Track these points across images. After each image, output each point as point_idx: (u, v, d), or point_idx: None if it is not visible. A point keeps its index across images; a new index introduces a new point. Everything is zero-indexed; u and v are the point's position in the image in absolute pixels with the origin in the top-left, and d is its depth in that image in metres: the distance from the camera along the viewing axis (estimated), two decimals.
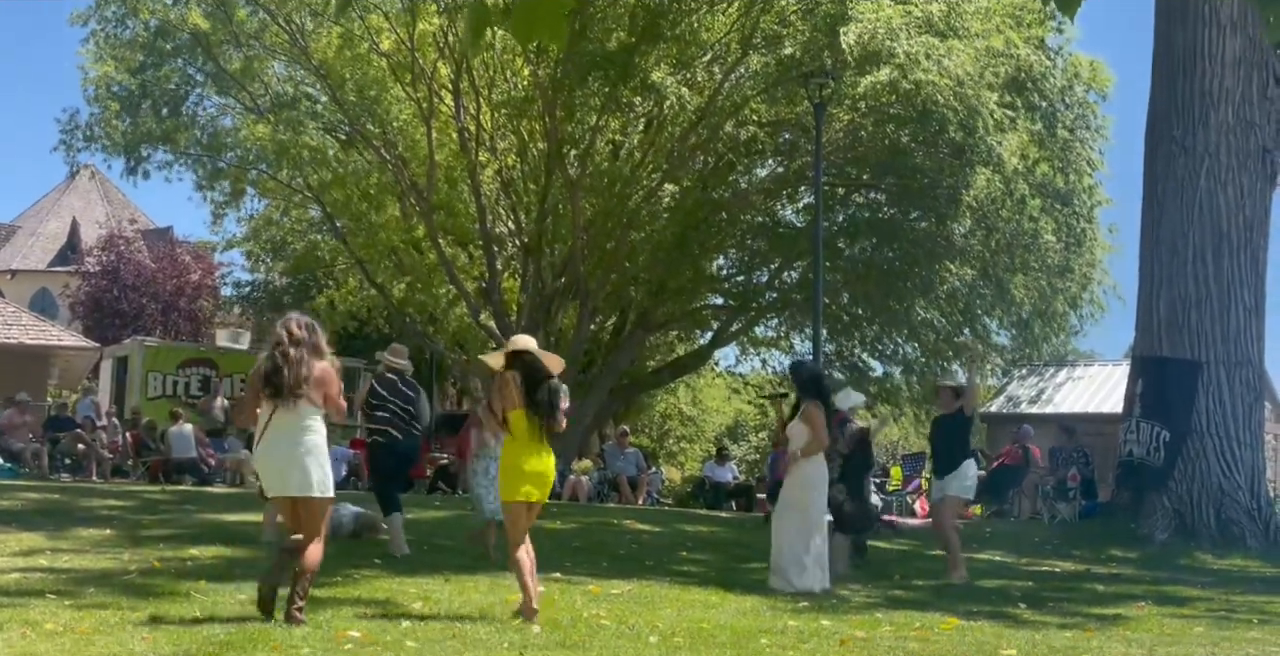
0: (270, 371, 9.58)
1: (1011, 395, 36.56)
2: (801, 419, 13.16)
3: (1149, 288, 21.90)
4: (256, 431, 9.75)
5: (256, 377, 9.70)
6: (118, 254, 51.52)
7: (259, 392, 9.65)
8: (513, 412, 10.19)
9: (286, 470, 9.54)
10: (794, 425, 13.23)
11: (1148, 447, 21.03)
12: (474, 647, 8.53)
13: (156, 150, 33.03)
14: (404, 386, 14.43)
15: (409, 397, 14.31)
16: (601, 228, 31.97)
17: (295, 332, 9.65)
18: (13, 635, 8.24)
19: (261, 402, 9.65)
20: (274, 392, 9.55)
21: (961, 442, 14.92)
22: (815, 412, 13.11)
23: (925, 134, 29.58)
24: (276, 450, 9.57)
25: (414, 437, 14.42)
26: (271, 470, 9.68)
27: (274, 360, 9.60)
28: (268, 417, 9.59)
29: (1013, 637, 10.05)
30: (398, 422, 14.17)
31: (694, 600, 11.51)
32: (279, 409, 9.56)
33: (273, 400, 9.57)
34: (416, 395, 14.37)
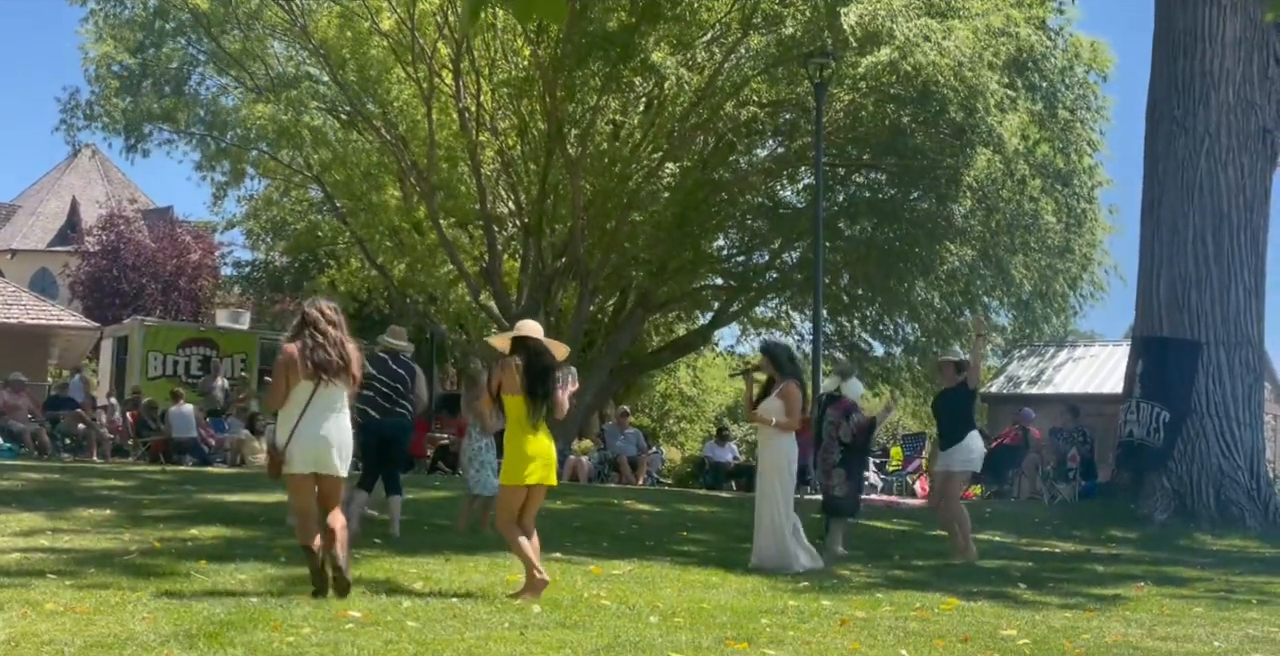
0: (316, 351, 9.70)
1: (1012, 375, 36.59)
2: (780, 396, 13.03)
3: (1149, 268, 21.89)
4: (292, 411, 9.74)
5: (295, 359, 9.72)
6: (118, 233, 51.52)
7: (298, 373, 9.70)
8: (512, 398, 10.21)
9: (329, 449, 9.71)
10: (769, 402, 13.10)
11: (1148, 428, 21.04)
12: (474, 627, 8.54)
13: (157, 129, 32.99)
14: (395, 365, 14.35)
15: (397, 376, 14.24)
16: (602, 208, 31.94)
17: (329, 314, 9.85)
18: (13, 615, 8.25)
19: (299, 382, 9.71)
20: (320, 372, 9.68)
21: (965, 415, 14.88)
22: (795, 391, 13.05)
23: (926, 114, 29.56)
24: (321, 428, 9.70)
25: (397, 417, 14.23)
26: (315, 448, 9.74)
27: (317, 340, 9.73)
28: (308, 396, 9.69)
29: (1013, 618, 10.06)
30: (379, 402, 14.12)
31: (694, 580, 11.52)
32: (320, 388, 9.69)
33: (314, 380, 9.68)
34: (408, 374, 14.28)
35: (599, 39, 27.80)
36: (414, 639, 8.03)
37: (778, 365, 13.33)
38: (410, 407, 14.26)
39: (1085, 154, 32.02)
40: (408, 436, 14.59)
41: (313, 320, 9.83)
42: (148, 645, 7.49)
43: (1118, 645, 8.93)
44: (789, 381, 13.11)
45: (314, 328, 9.79)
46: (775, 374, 13.27)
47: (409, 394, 14.19)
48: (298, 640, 7.81)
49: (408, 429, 14.46)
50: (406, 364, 14.43)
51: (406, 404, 14.19)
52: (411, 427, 14.53)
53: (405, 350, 14.49)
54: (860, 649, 8.37)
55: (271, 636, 7.89)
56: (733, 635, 8.63)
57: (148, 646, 7.45)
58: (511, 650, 7.78)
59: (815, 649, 8.30)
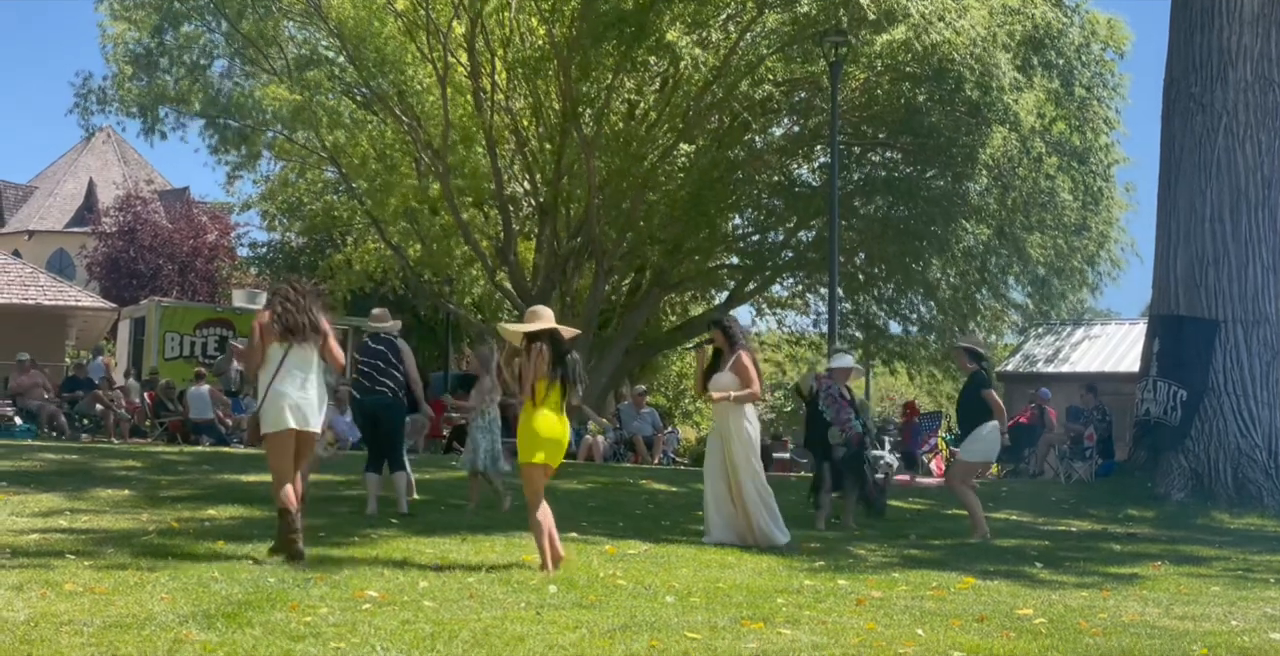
0: (283, 313, 10.35)
1: (1028, 354, 36.53)
2: (733, 370, 12.90)
3: (1166, 246, 21.81)
4: (266, 372, 10.38)
5: (265, 322, 10.40)
6: (134, 214, 51.62)
7: (268, 336, 10.35)
8: (539, 382, 10.40)
9: (300, 405, 10.27)
10: (723, 376, 12.95)
11: (1165, 407, 20.99)
12: (491, 607, 8.56)
13: (173, 112, 33.02)
14: (374, 344, 14.48)
15: (376, 353, 14.32)
16: (617, 187, 31.91)
17: (298, 286, 10.59)
18: (33, 595, 8.29)
19: (271, 346, 10.33)
20: (287, 333, 10.29)
21: (976, 405, 14.80)
22: (748, 362, 12.96)
23: (941, 92, 29.50)
24: (292, 386, 10.28)
25: (378, 395, 14.29)
26: (286, 405, 10.27)
27: (286, 307, 10.40)
28: (281, 358, 10.30)
29: (1029, 597, 10.06)
30: (361, 382, 14.33)
31: (710, 560, 11.53)
32: (291, 349, 10.31)
33: (285, 341, 10.29)
34: (389, 350, 14.28)
35: (614, 18, 27.74)
36: (431, 619, 8.05)
37: (729, 337, 13.16)
38: (393, 384, 14.19)
39: (1102, 132, 31.95)
40: (394, 412, 14.44)
41: (283, 291, 10.53)
42: (166, 625, 7.51)
43: (1135, 624, 8.92)
44: (740, 353, 12.99)
45: (284, 297, 10.45)
46: (726, 346, 13.11)
47: (390, 370, 14.16)
48: (315, 620, 7.83)
49: (391, 405, 14.34)
50: (387, 341, 14.41)
51: (388, 381, 14.16)
52: (398, 404, 14.36)
53: (386, 329, 14.48)
54: (876, 628, 8.37)
55: (289, 616, 7.92)
56: (749, 615, 8.64)
57: (166, 626, 7.48)
58: (528, 630, 7.79)
59: (831, 628, 8.31)
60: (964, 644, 7.93)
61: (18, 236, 64.79)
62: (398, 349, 14.34)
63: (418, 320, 42.54)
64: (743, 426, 12.93)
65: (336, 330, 10.77)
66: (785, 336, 40.39)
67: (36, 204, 68.26)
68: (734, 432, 12.97)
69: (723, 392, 12.87)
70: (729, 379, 12.93)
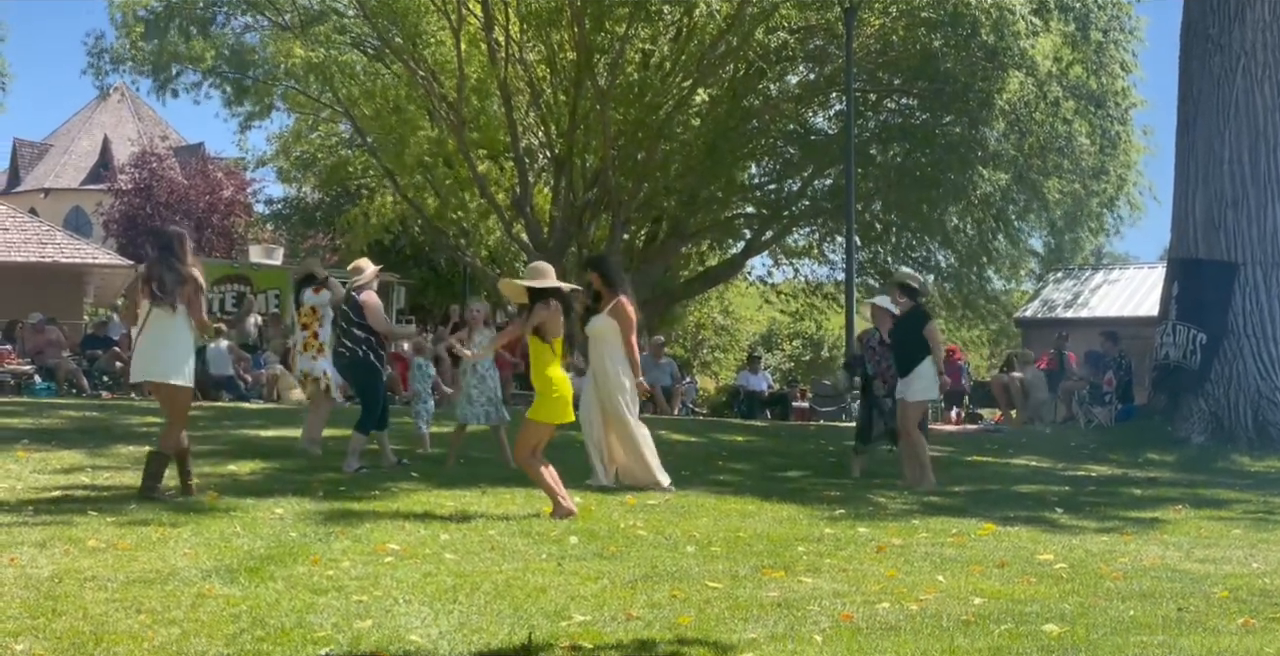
0: (151, 272, 10.91)
1: (1047, 299, 36.38)
2: (611, 313, 12.72)
3: (1185, 189, 21.68)
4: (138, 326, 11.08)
5: (136, 281, 11.02)
6: (150, 171, 51.57)
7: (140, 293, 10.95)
8: (555, 340, 10.55)
9: (155, 359, 10.85)
10: (601, 319, 12.78)
11: (1184, 350, 20.91)
12: (512, 559, 8.58)
13: (185, 71, 32.95)
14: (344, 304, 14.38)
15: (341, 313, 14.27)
16: (632, 138, 31.82)
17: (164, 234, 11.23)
18: (56, 552, 8.33)
19: (144, 301, 10.86)
20: (146, 286, 10.81)
21: (917, 342, 14.37)
22: (627, 304, 12.79)
23: (957, 38, 29.33)
24: (152, 341, 10.84)
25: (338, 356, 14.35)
26: (143, 358, 10.97)
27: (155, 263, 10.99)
28: (146, 314, 10.86)
29: (1050, 542, 10.07)
30: (339, 339, 14.28)
31: (730, 509, 11.54)
32: (155, 307, 10.78)
33: (150, 299, 10.80)
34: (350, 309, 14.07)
35: None
36: (452, 571, 8.08)
37: (607, 280, 12.96)
38: (350, 343, 13.97)
39: (1119, 75, 31.77)
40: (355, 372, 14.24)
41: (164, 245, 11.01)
42: (189, 580, 7.55)
43: (1156, 568, 8.92)
44: (620, 296, 12.81)
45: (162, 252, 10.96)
46: (604, 289, 12.91)
47: (351, 330, 13.95)
48: (337, 573, 7.87)
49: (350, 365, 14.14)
50: (349, 298, 14.21)
51: (347, 341, 13.97)
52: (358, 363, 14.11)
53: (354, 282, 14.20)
54: (897, 575, 8.39)
55: (311, 570, 7.96)
56: (769, 563, 8.66)
57: (189, 581, 7.52)
58: (549, 581, 7.82)
59: (852, 576, 8.32)
60: (985, 589, 7.95)
61: (34, 194, 64.83)
62: (358, 305, 14.07)
63: (434, 273, 42.59)
64: (614, 369, 12.75)
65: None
66: (802, 286, 40.32)
67: (52, 162, 68.28)
68: (607, 375, 12.78)
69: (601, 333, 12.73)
70: (606, 322, 12.75)
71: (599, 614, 7.01)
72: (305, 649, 6.15)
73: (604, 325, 12.75)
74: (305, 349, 15.20)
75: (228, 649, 6.12)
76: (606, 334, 12.76)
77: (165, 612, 6.76)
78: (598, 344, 12.84)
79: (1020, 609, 7.40)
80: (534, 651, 6.20)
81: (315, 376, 15.08)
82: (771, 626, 6.83)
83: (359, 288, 14.16)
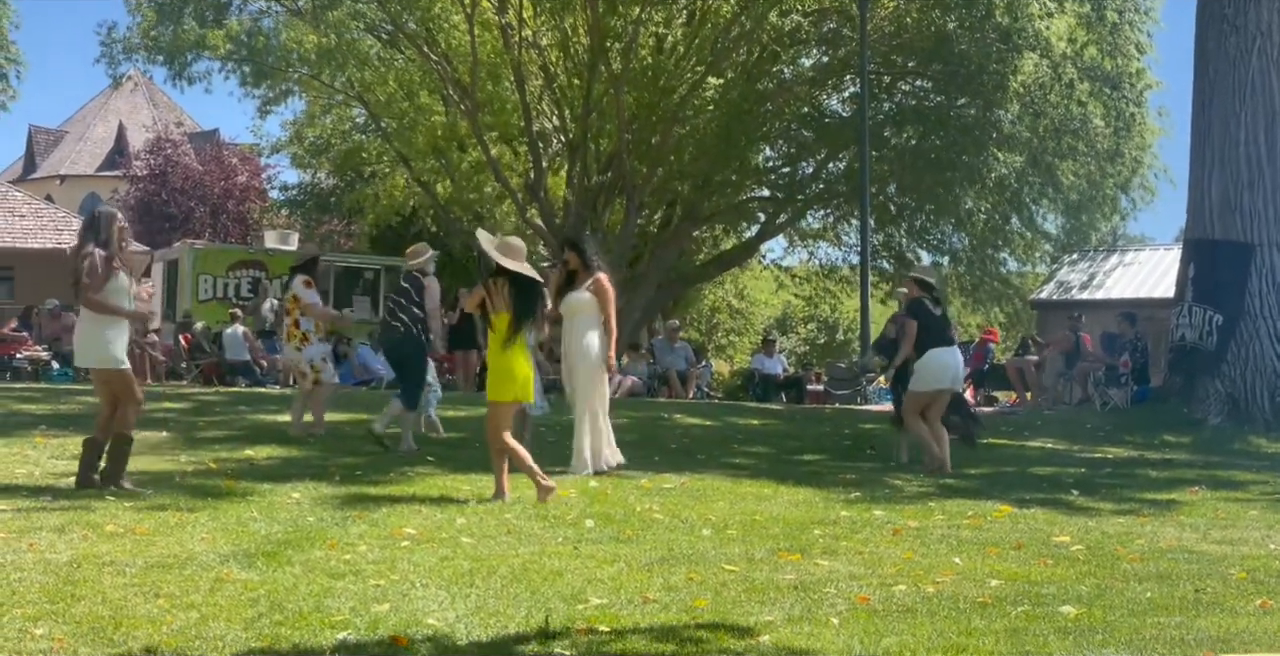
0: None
1: (1062, 281, 36.35)
2: (591, 290, 12.57)
3: (1200, 170, 21.61)
4: None
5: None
6: (165, 157, 51.68)
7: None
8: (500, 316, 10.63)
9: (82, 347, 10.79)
10: (578, 295, 12.60)
11: (1200, 332, 20.87)
12: (528, 542, 8.60)
13: (198, 58, 32.93)
14: (403, 282, 14.65)
15: (401, 290, 14.44)
16: (646, 122, 31.80)
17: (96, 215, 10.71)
18: (75, 537, 8.36)
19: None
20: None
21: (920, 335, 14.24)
22: (607, 283, 12.66)
23: (971, 19, 29.26)
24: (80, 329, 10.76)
25: (390, 329, 14.52)
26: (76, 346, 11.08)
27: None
28: None
29: (1066, 524, 10.06)
30: (385, 319, 14.34)
31: (746, 492, 11.55)
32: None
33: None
34: (412, 288, 14.25)
35: None
36: (469, 555, 8.10)
37: (584, 258, 12.80)
38: (407, 319, 14.14)
39: (1134, 56, 31.67)
40: (406, 347, 14.41)
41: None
42: (207, 565, 7.58)
43: (1173, 550, 8.92)
44: (598, 274, 12.68)
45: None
46: (581, 267, 12.75)
47: (410, 307, 14.14)
48: (354, 558, 7.89)
49: (403, 341, 14.30)
50: (412, 278, 14.41)
51: (404, 316, 14.13)
52: (410, 339, 14.31)
53: (414, 266, 14.46)
54: (913, 558, 8.39)
55: (328, 554, 7.98)
56: (786, 546, 8.67)
57: (207, 566, 7.55)
58: (565, 564, 7.84)
59: (868, 559, 8.33)
60: (1001, 571, 7.95)
61: (49, 181, 64.98)
62: (421, 286, 14.29)
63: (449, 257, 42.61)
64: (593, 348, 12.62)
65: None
66: (816, 269, 40.28)
67: (68, 148, 68.41)
68: (579, 353, 12.63)
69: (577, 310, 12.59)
70: (586, 298, 12.58)
71: (616, 597, 7.02)
72: (323, 632, 6.17)
73: (582, 299, 12.58)
74: (289, 338, 15.21)
75: (246, 633, 6.15)
76: (584, 308, 12.59)
77: (183, 597, 6.79)
78: (572, 318, 12.66)
79: (1037, 590, 7.41)
80: (551, 634, 6.22)
81: (303, 370, 15.10)
82: (788, 609, 6.85)
83: (421, 270, 14.37)
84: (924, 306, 14.13)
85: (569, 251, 13.04)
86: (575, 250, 12.95)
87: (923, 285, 14.34)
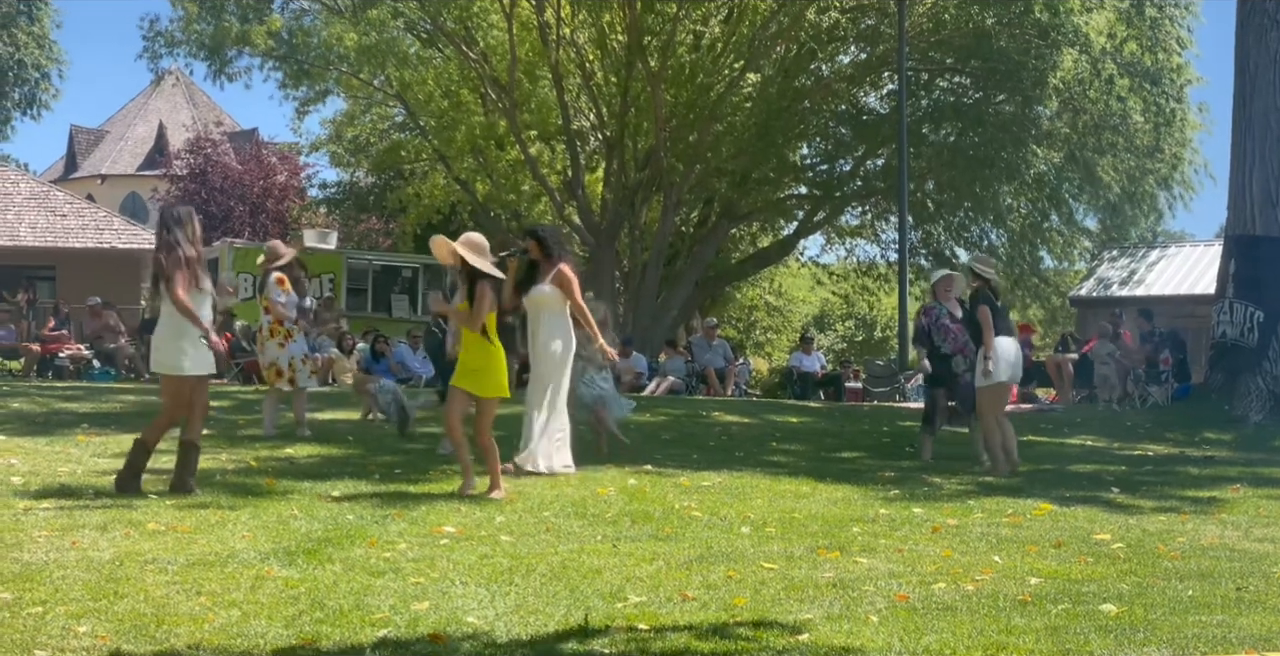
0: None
1: (1102, 277, 36.18)
2: (555, 281, 12.26)
3: (1241, 166, 21.50)
4: None
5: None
6: (205, 157, 51.86)
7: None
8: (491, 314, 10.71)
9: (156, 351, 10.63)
10: (540, 289, 12.28)
11: (1241, 328, 20.77)
12: (567, 540, 8.61)
13: (239, 54, 33.08)
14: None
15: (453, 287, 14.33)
16: (684, 119, 31.79)
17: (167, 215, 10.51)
18: (117, 535, 8.41)
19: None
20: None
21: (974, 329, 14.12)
22: (570, 273, 12.36)
23: (1010, 15, 29.17)
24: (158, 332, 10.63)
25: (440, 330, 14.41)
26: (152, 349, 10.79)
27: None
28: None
29: (1107, 522, 10.02)
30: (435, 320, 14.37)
31: (785, 490, 11.53)
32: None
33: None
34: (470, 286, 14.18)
35: None
36: (508, 553, 8.12)
37: (545, 248, 12.41)
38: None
39: (1174, 51, 31.49)
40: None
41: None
42: (248, 562, 7.62)
43: (1214, 547, 8.88)
44: (561, 264, 12.35)
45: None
46: (542, 258, 12.38)
47: None
48: (394, 556, 7.92)
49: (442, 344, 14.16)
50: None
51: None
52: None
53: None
54: (953, 556, 8.37)
55: (369, 552, 8.01)
56: (825, 544, 8.66)
57: (248, 563, 7.58)
58: (604, 562, 7.84)
59: (907, 556, 8.32)
60: (1041, 569, 7.93)
61: (90, 180, 65.35)
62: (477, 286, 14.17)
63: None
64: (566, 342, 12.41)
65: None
66: (854, 266, 40.21)
67: (108, 148, 68.78)
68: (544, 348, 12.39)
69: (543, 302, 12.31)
70: (549, 290, 12.30)
71: (655, 595, 7.03)
72: (363, 630, 6.19)
73: (547, 293, 12.28)
74: (271, 335, 15.04)
75: (287, 630, 6.17)
76: (549, 302, 12.31)
77: (225, 594, 6.82)
78: (537, 311, 12.37)
79: (1077, 589, 7.38)
80: (590, 632, 6.23)
81: (280, 368, 14.96)
82: (827, 607, 6.84)
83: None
84: (990, 296, 13.96)
85: (529, 240, 12.64)
86: (535, 239, 12.55)
87: (980, 276, 14.13)
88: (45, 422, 15.50)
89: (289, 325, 14.90)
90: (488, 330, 10.62)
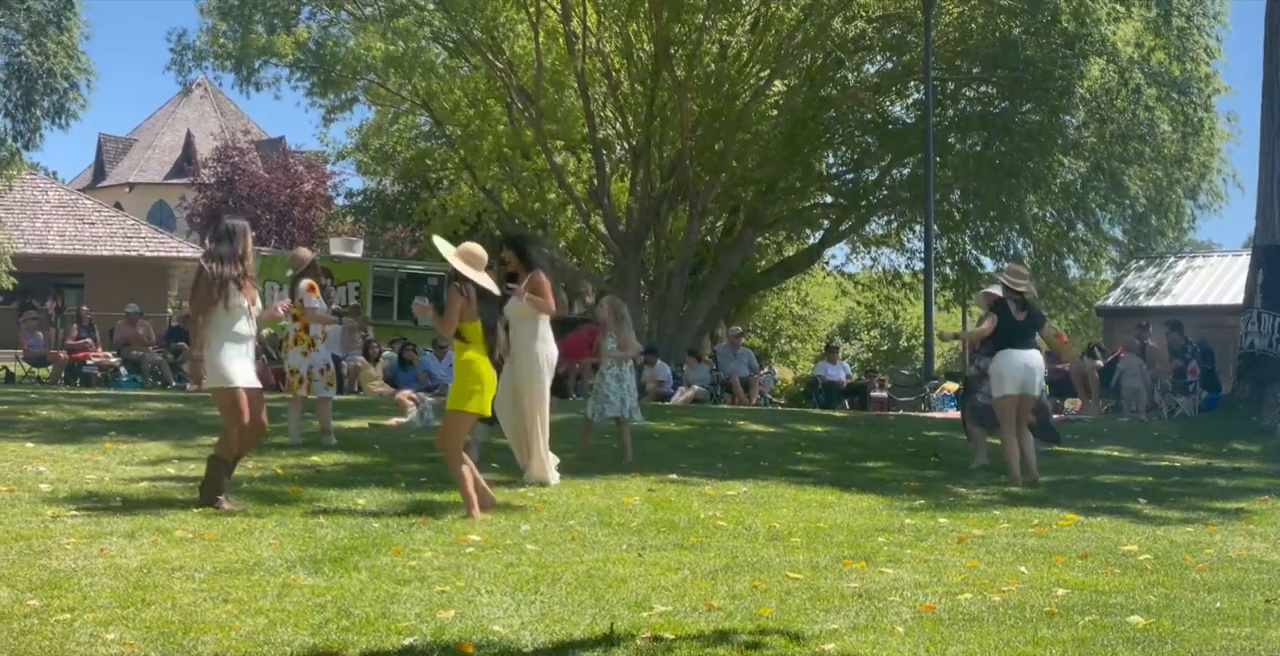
0: None
1: (1129, 287, 36.06)
2: (529, 288, 11.99)
3: (1269, 176, 21.45)
4: None
5: None
6: (232, 165, 52.12)
7: None
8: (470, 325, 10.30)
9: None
10: (514, 303, 11.97)
11: (1270, 338, 20.71)
12: (593, 549, 8.62)
13: (266, 64, 33.19)
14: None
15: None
16: (710, 128, 31.82)
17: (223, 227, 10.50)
18: (144, 542, 8.44)
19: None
20: None
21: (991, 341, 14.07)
22: (545, 279, 12.09)
23: (1037, 25, 29.14)
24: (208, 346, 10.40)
25: None
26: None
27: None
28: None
29: (1133, 533, 9.99)
30: None
31: (810, 500, 11.53)
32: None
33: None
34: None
35: None
36: (534, 561, 8.13)
37: (524, 257, 12.23)
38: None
39: (1202, 61, 31.37)
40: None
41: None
42: (275, 570, 7.64)
43: (1242, 559, 8.84)
44: (537, 271, 12.12)
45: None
46: (520, 268, 12.19)
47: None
48: (420, 564, 7.93)
49: None
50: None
51: None
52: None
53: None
54: (979, 566, 8.36)
55: (395, 560, 8.02)
56: (850, 554, 8.65)
57: (275, 571, 7.60)
58: (630, 571, 7.85)
59: (933, 567, 8.30)
60: (1068, 580, 7.91)
61: (118, 189, 65.70)
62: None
63: None
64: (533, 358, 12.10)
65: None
66: (879, 276, 40.15)
67: (136, 156, 69.12)
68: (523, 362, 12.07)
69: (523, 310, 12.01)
70: (526, 300, 12.02)
71: (680, 604, 7.03)
72: (389, 638, 6.21)
73: (518, 306, 12.00)
74: (296, 342, 15.02)
75: (313, 638, 6.19)
76: (524, 315, 12.07)
77: (251, 602, 6.85)
78: (518, 324, 12.09)
79: (1104, 600, 7.36)
80: (616, 642, 6.23)
81: (301, 375, 14.92)
82: (853, 617, 6.83)
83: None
84: (1004, 306, 13.90)
85: (507, 250, 12.49)
86: (514, 249, 12.41)
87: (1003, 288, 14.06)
88: (73, 430, 15.55)
89: (315, 332, 14.91)
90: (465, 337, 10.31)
